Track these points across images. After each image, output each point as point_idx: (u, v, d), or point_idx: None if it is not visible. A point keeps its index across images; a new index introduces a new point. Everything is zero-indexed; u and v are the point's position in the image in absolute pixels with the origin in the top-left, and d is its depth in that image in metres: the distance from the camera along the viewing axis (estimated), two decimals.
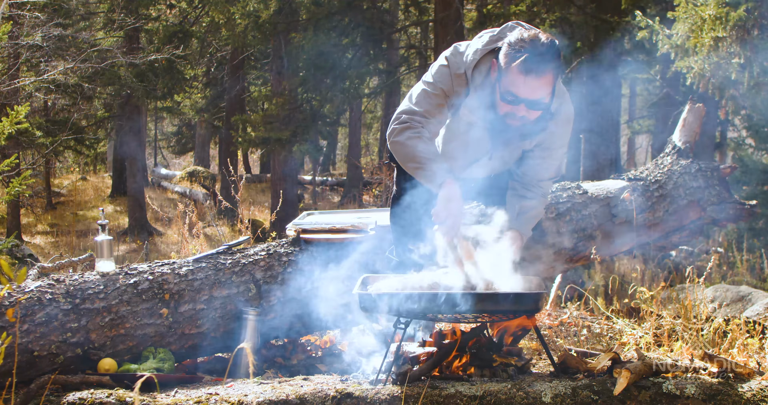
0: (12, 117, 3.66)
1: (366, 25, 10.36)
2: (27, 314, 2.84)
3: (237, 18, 9.99)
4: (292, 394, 2.43)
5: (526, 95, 2.45)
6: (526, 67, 2.40)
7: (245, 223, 4.80)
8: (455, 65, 2.64)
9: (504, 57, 2.47)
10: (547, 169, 2.81)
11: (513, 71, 2.43)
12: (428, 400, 2.37)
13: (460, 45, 2.70)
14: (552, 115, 2.63)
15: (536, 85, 2.44)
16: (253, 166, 23.45)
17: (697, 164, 4.27)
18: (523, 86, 2.44)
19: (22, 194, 5.26)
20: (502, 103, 2.52)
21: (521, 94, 2.45)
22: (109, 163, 20.41)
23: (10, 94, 8.17)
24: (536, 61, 2.40)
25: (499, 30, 2.62)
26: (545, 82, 2.44)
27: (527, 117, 2.53)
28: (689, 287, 3.98)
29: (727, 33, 5.40)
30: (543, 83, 2.44)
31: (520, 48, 2.42)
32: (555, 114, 2.65)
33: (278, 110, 10.06)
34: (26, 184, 3.90)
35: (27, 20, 8.12)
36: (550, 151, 2.77)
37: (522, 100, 2.47)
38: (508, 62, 2.45)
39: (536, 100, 2.47)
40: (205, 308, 3.11)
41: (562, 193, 4.00)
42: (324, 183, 18.11)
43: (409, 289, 2.53)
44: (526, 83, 2.43)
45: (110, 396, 2.48)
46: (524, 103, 2.48)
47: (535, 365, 3.16)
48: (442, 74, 2.65)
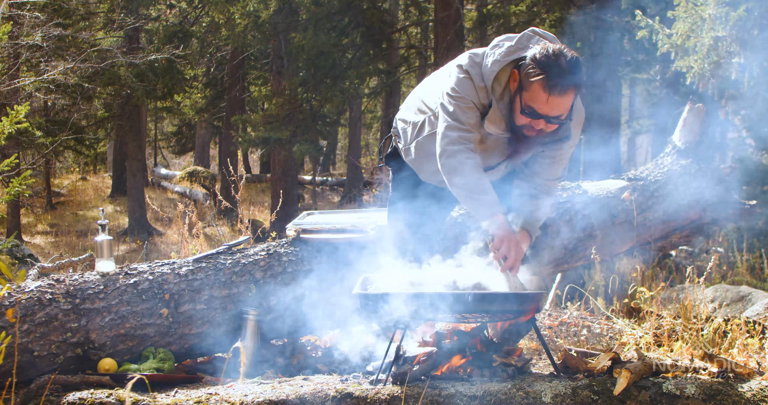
0: (12, 117, 3.66)
1: (366, 25, 10.36)
2: (27, 314, 2.84)
3: (237, 18, 9.99)
4: (292, 394, 2.43)
5: (546, 112, 2.44)
6: (549, 84, 2.38)
7: (245, 223, 4.80)
8: (477, 78, 2.58)
9: (527, 72, 2.43)
10: (557, 169, 2.79)
11: (535, 88, 2.41)
12: (428, 400, 2.37)
13: (476, 55, 2.63)
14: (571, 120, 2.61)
15: (558, 103, 2.42)
16: (253, 166, 23.43)
17: (697, 164, 4.27)
18: (545, 103, 2.42)
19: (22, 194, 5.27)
20: (521, 116, 2.49)
21: (542, 110, 2.44)
22: (109, 163, 20.40)
23: (10, 94, 8.17)
24: (560, 79, 2.37)
25: (517, 39, 2.56)
26: (567, 100, 2.43)
27: (545, 130, 2.51)
28: (689, 287, 3.98)
29: (727, 33, 5.40)
30: (565, 101, 2.43)
31: (545, 64, 2.39)
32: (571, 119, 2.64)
33: (278, 110, 10.05)
34: (26, 184, 3.90)
35: (27, 20, 8.11)
36: (561, 152, 2.75)
37: (542, 117, 2.45)
38: (532, 78, 2.41)
39: (557, 117, 2.46)
40: (205, 308, 3.11)
41: (562, 193, 4.00)
42: (324, 183, 18.11)
43: (409, 288, 2.53)
44: (549, 102, 2.41)
45: (110, 396, 2.49)
46: (544, 119, 2.46)
47: (535, 365, 3.16)
48: (467, 87, 2.58)
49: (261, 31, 10.27)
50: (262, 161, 21.86)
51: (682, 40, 5.71)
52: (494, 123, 2.58)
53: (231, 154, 15.20)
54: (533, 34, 2.57)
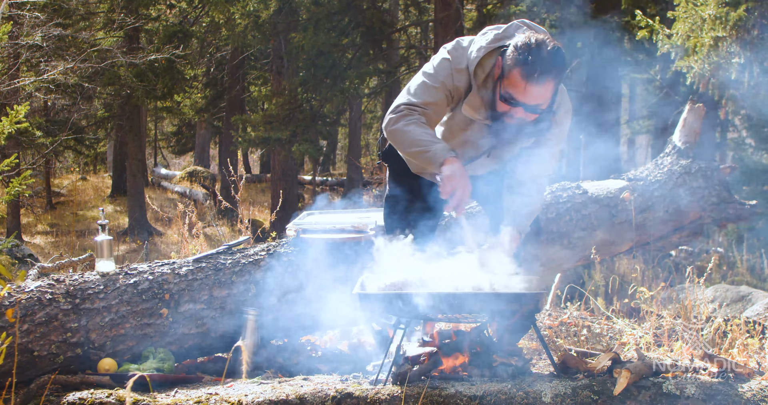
0: (12, 117, 3.66)
1: (366, 25, 10.35)
2: (27, 314, 2.84)
3: (237, 18, 9.99)
4: (292, 394, 2.43)
5: (524, 100, 2.47)
6: (528, 73, 2.40)
7: (245, 223, 4.80)
8: (456, 59, 2.63)
9: (508, 59, 2.47)
10: (544, 166, 2.79)
11: (515, 75, 2.44)
12: (428, 400, 2.37)
13: (463, 40, 2.69)
14: (554, 113, 2.63)
15: (536, 92, 2.44)
16: (253, 166, 23.44)
17: (697, 164, 4.27)
18: (523, 91, 2.45)
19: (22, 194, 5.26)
20: (500, 102, 2.53)
21: (520, 98, 2.47)
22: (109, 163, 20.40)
23: (10, 94, 8.17)
24: (539, 68, 2.39)
25: (504, 28, 2.62)
26: (545, 89, 2.45)
27: (525, 118, 2.53)
28: (689, 287, 3.98)
29: (727, 33, 5.40)
30: (543, 90, 2.45)
31: (525, 52, 2.42)
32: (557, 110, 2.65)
33: (278, 110, 10.05)
34: (26, 184, 3.90)
35: (27, 20, 8.11)
36: (547, 148, 2.76)
37: (520, 104, 2.48)
38: (511, 65, 2.45)
39: (535, 106, 2.48)
40: (205, 308, 3.11)
41: (562, 193, 4.00)
42: (324, 183, 18.10)
43: (408, 288, 2.53)
44: (527, 89, 2.43)
45: (110, 396, 2.48)
46: (522, 107, 2.49)
47: (535, 365, 3.16)
48: (443, 67, 2.64)
49: (261, 31, 10.26)
50: (262, 161, 21.87)
51: (682, 40, 5.71)
52: (473, 107, 2.63)
53: (231, 154, 15.20)
54: (522, 24, 2.61)
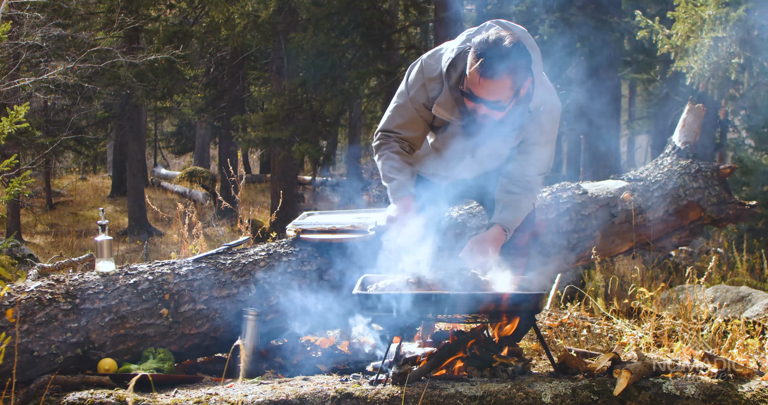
0: (12, 117, 3.66)
1: (366, 25, 10.35)
2: (27, 314, 2.84)
3: (237, 18, 9.98)
4: (292, 394, 2.43)
5: (483, 96, 2.49)
6: (482, 69, 2.43)
7: (245, 223, 4.79)
8: (429, 69, 2.71)
9: (468, 56, 2.51)
10: (533, 165, 2.79)
11: (472, 71, 2.47)
12: (428, 400, 2.37)
13: (445, 44, 2.75)
14: (530, 112, 2.64)
15: (492, 88, 2.46)
16: (253, 166, 23.43)
17: (697, 164, 4.27)
18: (480, 88, 2.47)
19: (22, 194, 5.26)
20: (465, 99, 2.57)
21: (479, 94, 2.49)
22: (109, 163, 20.41)
23: (10, 94, 8.16)
24: (493, 64, 2.41)
25: (477, 28, 2.64)
26: (501, 85, 2.46)
27: (491, 116, 2.56)
28: (689, 288, 3.99)
29: (727, 33, 5.40)
30: (499, 87, 2.46)
31: (481, 48, 2.45)
32: (537, 109, 2.66)
33: (278, 110, 10.04)
34: (26, 184, 3.90)
35: (27, 20, 8.10)
36: (535, 146, 2.77)
37: (480, 100, 2.50)
38: (471, 62, 2.48)
39: (493, 102, 2.50)
40: (205, 308, 3.11)
41: (562, 193, 4.00)
42: (324, 183, 18.10)
43: (408, 289, 2.53)
44: (482, 85, 2.46)
45: (110, 396, 2.48)
46: (483, 103, 2.51)
47: (535, 365, 3.16)
48: (415, 81, 2.74)
49: (261, 31, 10.26)
50: (262, 161, 21.85)
51: (682, 40, 5.72)
52: (444, 108, 2.68)
53: (231, 154, 15.18)
54: (495, 24, 2.62)
